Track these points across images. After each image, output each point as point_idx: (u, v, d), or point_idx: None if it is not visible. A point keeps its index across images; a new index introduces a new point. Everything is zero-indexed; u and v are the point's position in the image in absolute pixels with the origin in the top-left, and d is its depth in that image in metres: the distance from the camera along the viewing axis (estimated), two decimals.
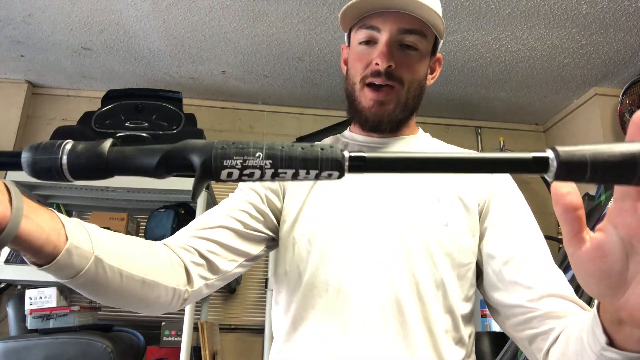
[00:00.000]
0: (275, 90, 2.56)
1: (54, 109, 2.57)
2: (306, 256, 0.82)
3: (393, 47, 0.83)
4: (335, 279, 0.79)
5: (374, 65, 0.83)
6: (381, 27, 0.83)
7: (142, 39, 2.12)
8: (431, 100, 2.63)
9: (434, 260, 0.79)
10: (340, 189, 0.85)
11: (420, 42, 0.84)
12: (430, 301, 0.77)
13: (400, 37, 0.83)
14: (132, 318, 2.32)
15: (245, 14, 1.94)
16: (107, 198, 2.14)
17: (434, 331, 0.76)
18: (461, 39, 2.06)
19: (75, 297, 2.27)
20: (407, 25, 0.82)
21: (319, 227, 0.83)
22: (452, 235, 0.80)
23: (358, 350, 0.75)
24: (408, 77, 0.84)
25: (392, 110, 0.86)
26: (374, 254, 0.80)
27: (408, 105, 0.87)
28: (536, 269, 0.76)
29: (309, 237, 0.83)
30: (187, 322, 1.75)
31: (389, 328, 0.76)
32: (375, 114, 0.86)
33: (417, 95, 0.88)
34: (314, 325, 0.79)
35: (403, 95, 0.85)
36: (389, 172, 0.38)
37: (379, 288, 0.78)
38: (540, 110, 2.72)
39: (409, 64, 0.84)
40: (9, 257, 1.80)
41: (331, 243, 0.81)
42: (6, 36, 2.13)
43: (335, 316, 0.78)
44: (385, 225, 0.81)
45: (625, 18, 1.89)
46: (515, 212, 0.83)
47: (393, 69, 0.83)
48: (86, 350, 1.69)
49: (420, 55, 0.85)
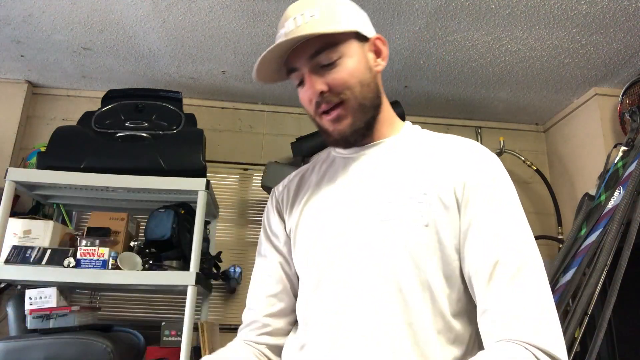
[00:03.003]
0: (275, 90, 2.56)
1: (54, 109, 2.57)
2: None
3: (315, 75, 0.85)
4: (317, 286, 0.87)
5: (314, 101, 0.87)
6: (297, 65, 0.87)
7: (142, 39, 2.12)
8: (431, 100, 2.63)
9: (417, 262, 0.79)
10: (324, 197, 0.92)
11: (333, 52, 0.85)
12: (415, 304, 0.78)
13: (314, 62, 0.85)
14: (132, 318, 2.32)
15: (245, 14, 1.94)
16: (107, 198, 2.14)
17: (421, 334, 0.77)
18: (461, 39, 2.06)
19: (75, 297, 2.27)
20: (312, 49, 0.84)
21: (307, 236, 0.92)
22: (433, 236, 0.80)
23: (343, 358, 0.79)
24: (344, 87, 0.85)
25: (351, 122, 0.87)
26: (354, 262, 0.83)
27: (365, 107, 0.88)
28: (503, 311, 0.72)
29: (302, 247, 0.93)
30: (187, 322, 1.75)
31: (373, 335, 0.77)
32: (339, 132, 0.88)
33: (369, 91, 0.88)
34: (302, 332, 0.89)
35: (352, 102, 0.86)
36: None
37: (360, 296, 0.80)
38: (540, 110, 2.72)
39: (336, 77, 0.85)
40: (9, 257, 1.80)
41: (312, 250, 0.90)
42: (6, 36, 2.13)
43: (319, 325, 0.84)
44: (366, 230, 0.84)
45: (625, 18, 1.89)
46: (494, 218, 0.79)
47: (327, 91, 0.85)
48: (86, 350, 1.69)
49: (342, 61, 0.86)
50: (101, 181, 1.89)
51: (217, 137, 2.63)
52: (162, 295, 2.36)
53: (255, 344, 0.95)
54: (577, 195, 2.39)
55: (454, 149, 0.87)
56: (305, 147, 2.38)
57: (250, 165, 2.63)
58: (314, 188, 0.96)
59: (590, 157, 2.44)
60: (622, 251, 1.80)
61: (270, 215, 1.02)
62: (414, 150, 0.90)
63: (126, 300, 2.35)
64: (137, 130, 2.03)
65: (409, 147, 0.91)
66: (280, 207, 1.01)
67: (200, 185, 1.92)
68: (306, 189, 0.97)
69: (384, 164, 0.89)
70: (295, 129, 2.67)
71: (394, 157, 0.89)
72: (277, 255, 0.99)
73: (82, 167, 1.91)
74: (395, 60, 2.24)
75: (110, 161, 1.93)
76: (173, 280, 1.85)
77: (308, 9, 0.85)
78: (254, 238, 2.53)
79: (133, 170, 1.91)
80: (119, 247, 1.92)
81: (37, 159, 2.00)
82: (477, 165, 0.84)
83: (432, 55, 2.19)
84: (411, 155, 0.88)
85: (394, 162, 0.89)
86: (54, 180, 1.90)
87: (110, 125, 2.04)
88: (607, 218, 1.90)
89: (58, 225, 2.01)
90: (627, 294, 1.78)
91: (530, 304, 0.71)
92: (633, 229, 1.82)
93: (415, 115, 2.77)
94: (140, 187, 1.92)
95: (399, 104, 2.29)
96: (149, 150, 1.97)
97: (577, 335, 1.79)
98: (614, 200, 1.92)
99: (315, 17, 0.84)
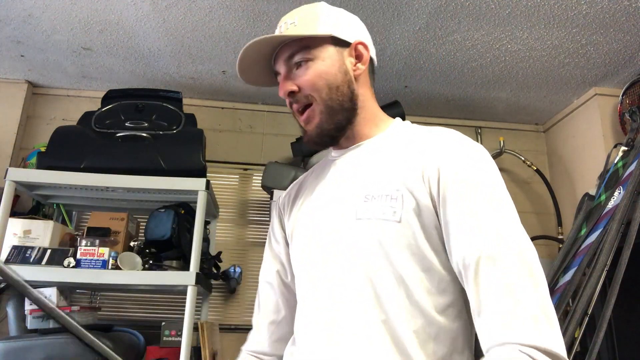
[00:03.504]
0: (275, 90, 2.55)
1: (54, 109, 2.57)
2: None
3: (289, 75, 0.92)
4: (299, 285, 0.94)
5: (287, 101, 0.93)
6: (278, 67, 0.94)
7: (142, 39, 2.12)
8: (431, 100, 2.63)
9: (391, 259, 0.79)
10: (314, 199, 0.96)
11: (307, 53, 0.89)
12: (389, 300, 0.78)
13: (289, 63, 0.91)
14: (132, 318, 2.32)
15: (245, 14, 1.94)
16: (107, 198, 2.14)
17: (397, 330, 0.76)
18: (461, 39, 2.06)
19: (75, 297, 2.27)
20: (288, 52, 0.90)
21: (298, 237, 0.97)
22: (406, 230, 0.79)
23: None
24: (311, 89, 0.89)
25: (319, 122, 0.90)
26: (329, 261, 0.85)
27: (333, 110, 0.89)
28: (491, 317, 0.69)
29: (294, 248, 0.99)
30: (187, 322, 1.75)
31: (349, 334, 0.79)
32: (309, 133, 0.92)
33: (339, 95, 0.89)
34: (297, 331, 0.93)
35: (320, 104, 0.89)
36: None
37: (334, 294, 0.83)
38: (540, 110, 2.72)
39: (305, 79, 0.89)
40: (9, 257, 1.80)
41: (295, 251, 0.96)
42: (6, 36, 2.13)
43: (302, 325, 0.89)
44: (341, 229, 0.86)
45: (625, 18, 1.89)
46: (477, 208, 0.75)
47: (297, 91, 0.90)
48: (86, 350, 1.68)
49: (312, 64, 0.89)
50: (101, 181, 1.89)
51: (217, 137, 2.63)
52: (162, 295, 2.36)
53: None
54: (577, 195, 2.39)
55: (430, 139, 0.85)
56: (305, 147, 2.38)
57: (250, 165, 2.63)
58: (308, 191, 0.99)
59: (590, 157, 2.44)
60: (622, 251, 1.80)
61: (274, 221, 1.07)
62: (394, 147, 0.89)
63: (126, 300, 2.35)
64: (137, 130, 2.03)
65: (390, 145, 0.90)
66: (281, 214, 1.06)
67: (200, 185, 1.92)
68: (303, 193, 1.01)
69: (363, 164, 0.91)
70: (295, 129, 2.66)
71: (373, 157, 0.90)
72: (276, 263, 1.05)
73: (82, 167, 1.91)
74: (395, 60, 2.24)
75: (110, 161, 1.93)
76: (173, 280, 1.86)
77: (290, 18, 0.92)
78: (254, 238, 2.53)
79: (133, 170, 1.91)
80: (119, 247, 1.92)
81: (37, 159, 2.00)
82: (453, 151, 0.81)
83: (432, 55, 2.19)
84: (390, 153, 0.89)
85: (372, 161, 0.90)
86: (54, 180, 1.90)
87: (110, 125, 2.04)
88: (607, 218, 1.90)
89: (58, 225, 2.01)
90: (627, 294, 1.78)
91: (525, 301, 0.67)
92: (633, 229, 1.82)
93: (415, 115, 2.77)
94: (140, 187, 1.92)
95: (399, 104, 2.29)
96: (149, 150, 1.97)
97: (577, 335, 1.79)
98: (614, 200, 1.92)
99: (295, 24, 0.91)
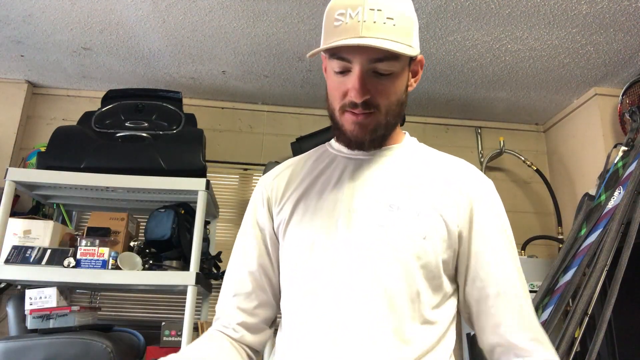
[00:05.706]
0: (275, 90, 2.56)
1: (54, 109, 2.57)
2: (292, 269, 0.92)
3: (366, 78, 0.82)
4: (310, 289, 0.86)
5: (351, 98, 0.84)
6: (352, 58, 0.81)
7: (142, 39, 2.12)
8: (431, 100, 2.63)
9: (410, 272, 0.82)
10: (319, 200, 0.91)
11: (393, 65, 0.83)
12: (402, 311, 0.81)
13: (372, 66, 0.81)
14: (132, 318, 2.32)
15: (245, 14, 1.94)
16: (107, 198, 2.14)
17: (406, 335, 0.81)
18: (461, 39, 2.06)
19: (75, 297, 2.27)
20: (376, 54, 0.80)
21: (299, 240, 0.90)
22: (429, 248, 0.83)
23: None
24: (385, 103, 0.85)
25: (372, 131, 0.88)
26: (347, 270, 0.84)
27: (389, 124, 0.89)
28: (501, 321, 0.85)
29: (296, 245, 0.91)
30: (187, 322, 1.75)
31: (358, 339, 0.79)
32: (357, 136, 0.88)
33: (398, 111, 0.89)
34: (294, 332, 0.88)
35: (382, 118, 0.87)
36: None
37: (340, 299, 0.82)
38: (540, 110, 2.72)
39: (385, 90, 0.84)
40: (9, 257, 1.80)
41: (308, 255, 0.88)
42: (6, 36, 2.13)
43: (310, 327, 0.84)
44: (363, 234, 0.85)
45: (625, 18, 1.89)
46: (495, 249, 0.88)
47: (369, 99, 0.84)
48: (86, 350, 1.69)
49: (395, 76, 0.85)
50: (101, 181, 1.89)
51: (217, 137, 2.63)
52: (162, 295, 2.36)
53: (232, 332, 0.95)
54: (577, 195, 2.39)
55: (458, 173, 0.92)
56: (305, 147, 2.37)
57: (250, 165, 2.63)
58: (308, 184, 0.94)
59: (590, 157, 2.44)
60: (622, 251, 1.80)
61: (259, 207, 0.99)
62: (419, 163, 0.92)
63: (126, 300, 2.35)
64: (137, 130, 2.03)
65: (413, 159, 0.93)
66: (269, 201, 0.98)
67: (200, 185, 1.92)
68: (298, 184, 0.95)
69: (386, 172, 0.90)
70: (295, 129, 2.67)
71: (400, 166, 0.91)
72: (258, 247, 0.98)
73: (82, 167, 1.91)
74: None
75: (110, 161, 1.93)
76: (173, 280, 1.85)
77: (389, 11, 0.80)
78: None
79: (133, 170, 1.91)
80: (119, 247, 1.92)
81: (37, 159, 2.00)
82: (482, 189, 0.91)
83: (432, 55, 2.19)
84: (415, 169, 0.91)
85: (396, 172, 0.90)
86: (54, 180, 1.90)
87: (110, 125, 2.04)
88: (607, 218, 1.90)
89: (58, 225, 2.01)
90: (627, 294, 1.78)
91: (530, 324, 0.85)
92: (633, 229, 1.82)
93: (415, 115, 2.77)
94: (140, 187, 1.92)
95: None
96: (149, 150, 1.97)
97: (577, 335, 1.79)
98: (614, 200, 1.92)
99: (393, 23, 0.80)
